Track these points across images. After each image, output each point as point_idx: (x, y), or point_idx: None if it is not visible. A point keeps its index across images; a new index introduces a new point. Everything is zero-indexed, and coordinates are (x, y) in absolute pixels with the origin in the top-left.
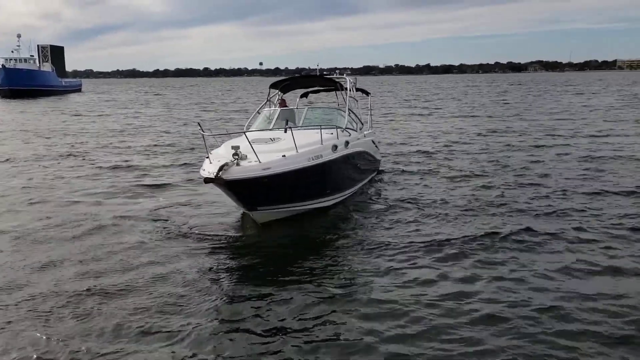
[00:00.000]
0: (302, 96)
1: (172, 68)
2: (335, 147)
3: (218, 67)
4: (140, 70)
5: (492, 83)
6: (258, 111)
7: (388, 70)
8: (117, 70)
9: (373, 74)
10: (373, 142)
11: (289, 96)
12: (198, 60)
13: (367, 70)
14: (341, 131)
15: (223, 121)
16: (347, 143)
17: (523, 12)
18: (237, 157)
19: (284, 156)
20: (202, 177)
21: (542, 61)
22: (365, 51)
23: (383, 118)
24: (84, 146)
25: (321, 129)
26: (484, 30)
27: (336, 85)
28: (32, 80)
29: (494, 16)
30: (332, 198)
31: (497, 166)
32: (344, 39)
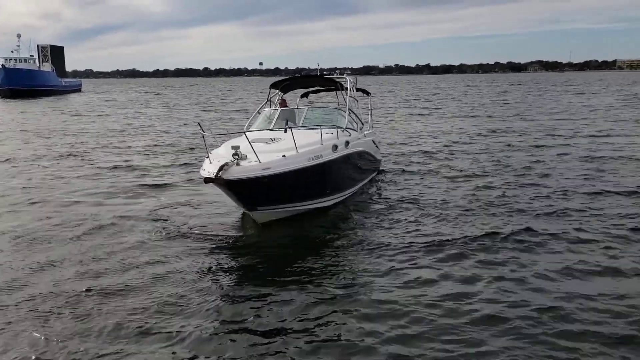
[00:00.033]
0: (303, 96)
1: (172, 68)
2: (335, 147)
3: (218, 67)
4: (140, 70)
5: (492, 83)
6: (258, 111)
7: (388, 70)
8: (117, 70)
9: (373, 74)
10: (373, 142)
11: (290, 96)
12: (198, 60)
13: (367, 70)
14: (341, 131)
15: (223, 121)
16: (348, 143)
17: (523, 12)
18: (237, 157)
19: (284, 156)
20: (202, 177)
21: (542, 61)
22: (365, 51)
23: (383, 118)
24: (84, 146)
25: (321, 129)
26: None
27: (336, 85)
28: (32, 80)
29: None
30: (332, 198)
31: (498, 166)
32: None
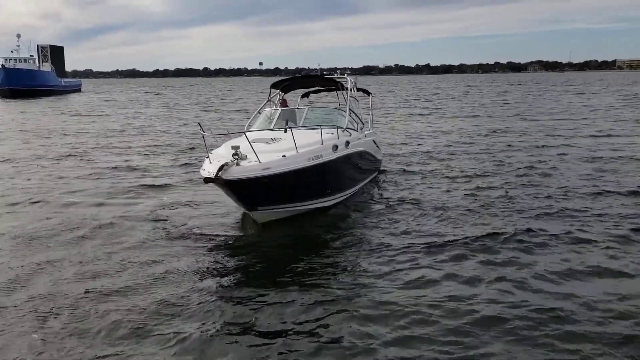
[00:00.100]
0: (303, 96)
1: (172, 68)
2: (335, 147)
3: (218, 67)
4: (140, 70)
5: (492, 83)
6: (259, 111)
7: (388, 70)
8: (117, 70)
9: (373, 74)
10: (374, 142)
11: (290, 96)
12: (198, 60)
13: (367, 70)
14: (342, 131)
15: (223, 121)
16: (348, 143)
17: (523, 12)
18: (237, 157)
19: (284, 156)
20: (202, 177)
21: (542, 61)
22: (365, 51)
23: (383, 118)
24: (84, 146)
25: (321, 129)
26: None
27: (337, 85)
28: (32, 80)
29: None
30: (333, 198)
31: (498, 166)
32: (344, 39)
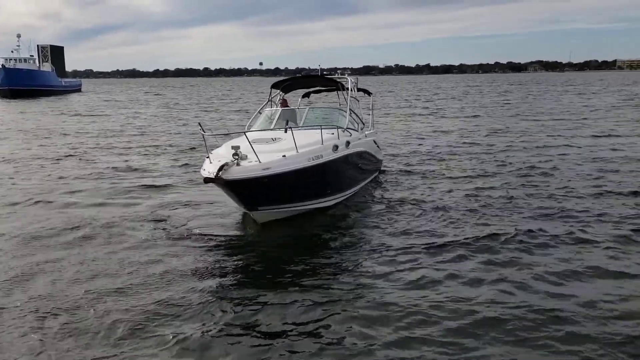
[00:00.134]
0: (304, 96)
1: (172, 68)
2: (336, 147)
3: (218, 67)
4: (140, 70)
5: (493, 83)
6: (259, 111)
7: (388, 70)
8: (117, 70)
9: (373, 74)
10: (374, 142)
11: (291, 96)
12: (198, 60)
13: (367, 70)
14: (342, 131)
15: (223, 121)
16: (348, 143)
17: (523, 12)
18: (237, 157)
19: (284, 156)
20: (202, 177)
21: (542, 61)
22: (365, 51)
23: (383, 118)
24: (84, 146)
25: (322, 129)
26: (484, 30)
27: (337, 85)
28: (32, 80)
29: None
30: (333, 198)
31: (498, 166)
32: (344, 39)
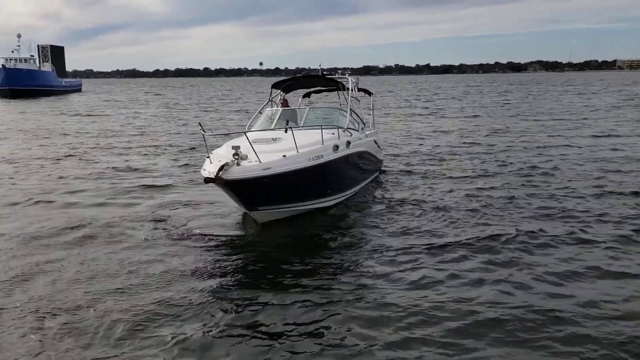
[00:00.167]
0: (305, 96)
1: (172, 68)
2: (336, 147)
3: (218, 67)
4: (140, 70)
5: (493, 83)
6: (260, 111)
7: (388, 70)
8: (117, 70)
9: (373, 74)
10: (375, 142)
11: (291, 96)
12: (198, 60)
13: (367, 70)
14: (342, 131)
15: (223, 121)
16: (349, 143)
17: (523, 12)
18: (238, 157)
19: (285, 156)
20: (203, 177)
21: (542, 61)
22: (365, 51)
23: (384, 118)
24: (84, 146)
25: (322, 129)
26: (484, 30)
27: (338, 85)
28: (32, 80)
29: (494, 16)
30: (333, 198)
31: (499, 166)
32: (344, 39)
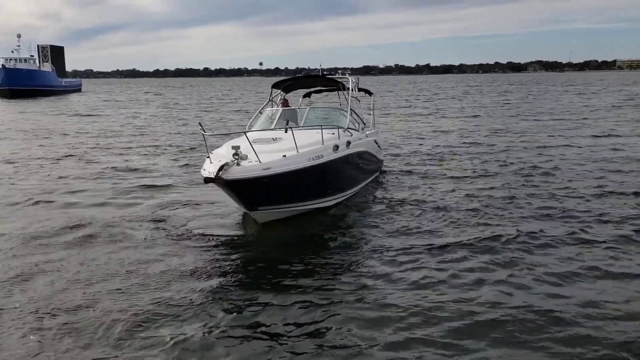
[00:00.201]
0: (305, 96)
1: (172, 68)
2: (336, 147)
3: (218, 67)
4: (140, 70)
5: (493, 83)
6: (260, 111)
7: (388, 70)
8: (117, 70)
9: (373, 74)
10: (375, 142)
11: (291, 96)
12: (198, 60)
13: (367, 70)
14: (343, 131)
15: (223, 121)
16: (349, 143)
17: (523, 12)
18: (238, 157)
19: (285, 156)
20: (203, 177)
21: (542, 61)
22: (365, 51)
23: (384, 118)
24: (84, 146)
25: (322, 129)
26: (484, 30)
27: (338, 85)
28: (32, 80)
29: (494, 16)
30: (334, 198)
31: (499, 166)
32: (344, 39)
